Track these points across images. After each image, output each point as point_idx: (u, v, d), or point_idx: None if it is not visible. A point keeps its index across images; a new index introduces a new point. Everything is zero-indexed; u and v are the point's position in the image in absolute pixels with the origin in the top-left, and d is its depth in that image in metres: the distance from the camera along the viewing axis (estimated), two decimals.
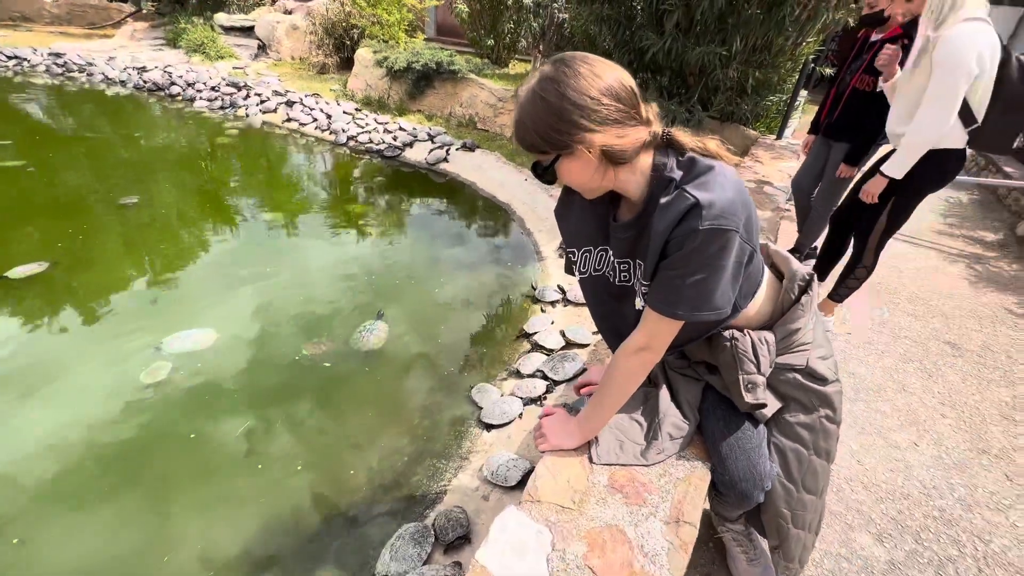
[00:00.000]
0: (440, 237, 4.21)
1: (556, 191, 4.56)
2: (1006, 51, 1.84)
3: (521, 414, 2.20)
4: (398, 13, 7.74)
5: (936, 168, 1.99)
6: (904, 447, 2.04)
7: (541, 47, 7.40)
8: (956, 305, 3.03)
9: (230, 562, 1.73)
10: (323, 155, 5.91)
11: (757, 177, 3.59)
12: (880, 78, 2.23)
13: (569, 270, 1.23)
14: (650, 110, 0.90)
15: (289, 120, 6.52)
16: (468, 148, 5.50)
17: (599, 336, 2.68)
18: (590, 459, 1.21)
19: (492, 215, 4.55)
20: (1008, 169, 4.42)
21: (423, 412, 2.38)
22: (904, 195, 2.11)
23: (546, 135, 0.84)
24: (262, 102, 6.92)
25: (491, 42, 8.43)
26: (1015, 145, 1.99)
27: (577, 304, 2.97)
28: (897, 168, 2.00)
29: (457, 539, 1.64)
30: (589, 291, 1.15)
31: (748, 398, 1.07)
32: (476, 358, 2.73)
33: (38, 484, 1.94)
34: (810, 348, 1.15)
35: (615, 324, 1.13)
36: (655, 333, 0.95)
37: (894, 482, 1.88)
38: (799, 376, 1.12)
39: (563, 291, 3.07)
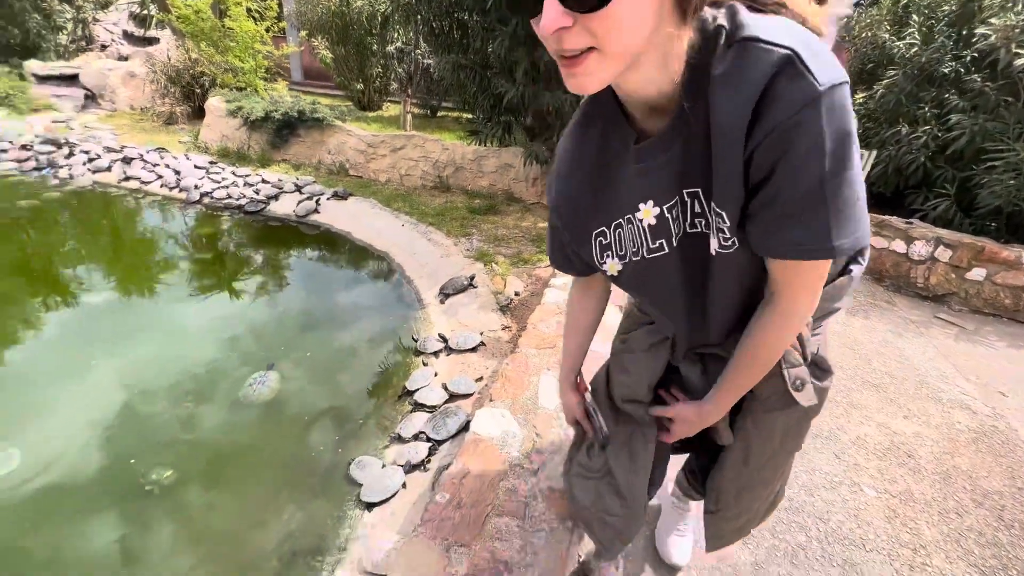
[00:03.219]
0: (316, 291, 3.95)
1: (435, 235, 4.54)
2: None
3: (404, 483, 2.07)
4: (252, 60, 7.33)
5: None
6: None
7: (410, 91, 7.48)
8: None
9: None
10: (174, 215, 5.29)
11: None
12: None
13: (577, 269, 0.90)
14: None
15: (127, 179, 5.77)
16: (340, 197, 5.29)
17: (482, 383, 2.65)
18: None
19: (370, 264, 4.38)
20: None
21: (298, 500, 2.13)
22: None
23: None
24: (91, 160, 6.05)
25: (360, 86, 8.36)
26: None
27: (461, 351, 2.93)
28: None
29: None
30: (638, 283, 0.79)
31: (802, 399, 0.82)
32: (356, 426, 2.54)
33: None
34: (822, 331, 0.89)
35: (692, 310, 0.78)
36: (802, 288, 0.65)
37: None
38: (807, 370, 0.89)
39: (445, 340, 3.01)
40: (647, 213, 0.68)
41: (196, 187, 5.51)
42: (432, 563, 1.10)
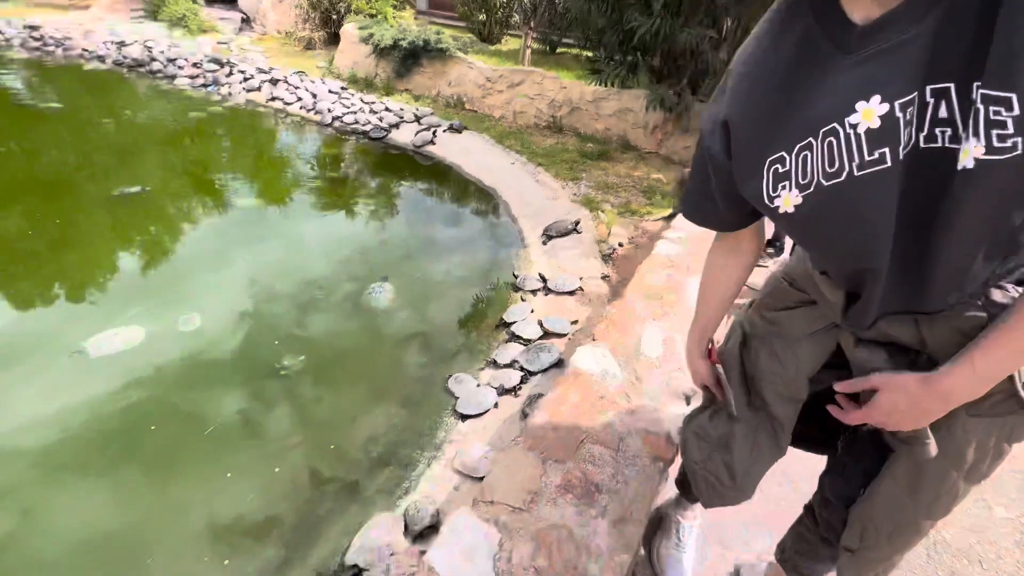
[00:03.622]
0: (426, 218, 4.22)
1: (543, 176, 4.51)
2: None
3: (496, 403, 2.23)
4: None
5: None
6: None
7: (533, 23, 7.21)
8: None
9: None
10: (309, 136, 5.81)
11: None
12: None
13: (719, 218, 0.76)
14: None
15: (273, 99, 6.37)
16: (455, 130, 5.41)
17: (577, 326, 2.69)
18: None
19: (478, 199, 4.51)
20: None
21: (402, 401, 2.40)
22: None
23: None
24: (245, 80, 6.74)
25: (482, 17, 8.23)
26: None
27: (558, 294, 2.98)
28: None
29: (426, 529, 1.68)
30: (822, 220, 0.59)
31: None
32: (456, 346, 2.74)
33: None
34: None
35: (901, 259, 0.56)
36: None
37: None
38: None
39: (544, 280, 3.07)
40: (867, 114, 0.51)
41: (329, 111, 5.94)
42: (529, 469, 1.19)
